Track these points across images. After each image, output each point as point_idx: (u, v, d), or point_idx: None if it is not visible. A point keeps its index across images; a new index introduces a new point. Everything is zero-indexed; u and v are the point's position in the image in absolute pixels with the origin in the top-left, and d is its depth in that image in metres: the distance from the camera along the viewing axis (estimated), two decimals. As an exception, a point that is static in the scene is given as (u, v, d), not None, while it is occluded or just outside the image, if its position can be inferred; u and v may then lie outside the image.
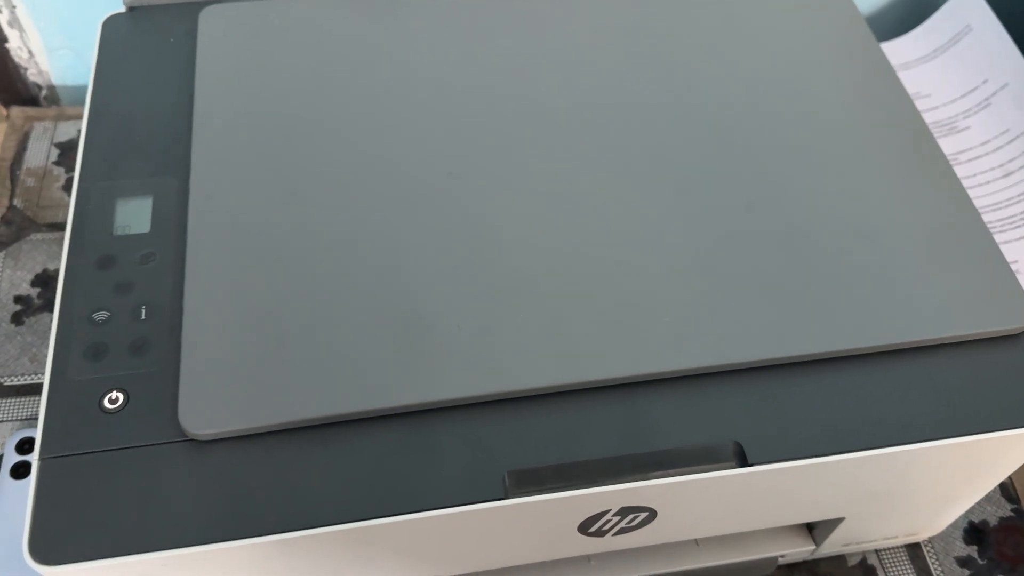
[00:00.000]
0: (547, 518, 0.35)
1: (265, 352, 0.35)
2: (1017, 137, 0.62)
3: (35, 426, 0.50)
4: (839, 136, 0.43)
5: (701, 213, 0.40)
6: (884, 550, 0.48)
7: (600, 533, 0.37)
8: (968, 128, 0.65)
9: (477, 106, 0.43)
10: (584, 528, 0.37)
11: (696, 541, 0.44)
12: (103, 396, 0.35)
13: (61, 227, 0.58)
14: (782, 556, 0.45)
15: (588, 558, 0.43)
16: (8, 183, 0.60)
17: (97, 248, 0.39)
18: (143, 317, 0.37)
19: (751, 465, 0.34)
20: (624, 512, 0.36)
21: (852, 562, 0.48)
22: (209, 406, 0.34)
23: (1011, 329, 0.38)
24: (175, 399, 0.35)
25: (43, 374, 0.52)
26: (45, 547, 0.32)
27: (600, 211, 0.39)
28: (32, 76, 0.67)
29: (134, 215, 0.40)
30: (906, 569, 0.47)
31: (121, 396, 0.35)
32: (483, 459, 0.34)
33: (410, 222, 0.39)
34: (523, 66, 0.45)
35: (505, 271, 0.37)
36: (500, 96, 0.43)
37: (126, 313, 0.37)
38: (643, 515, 0.36)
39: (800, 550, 0.44)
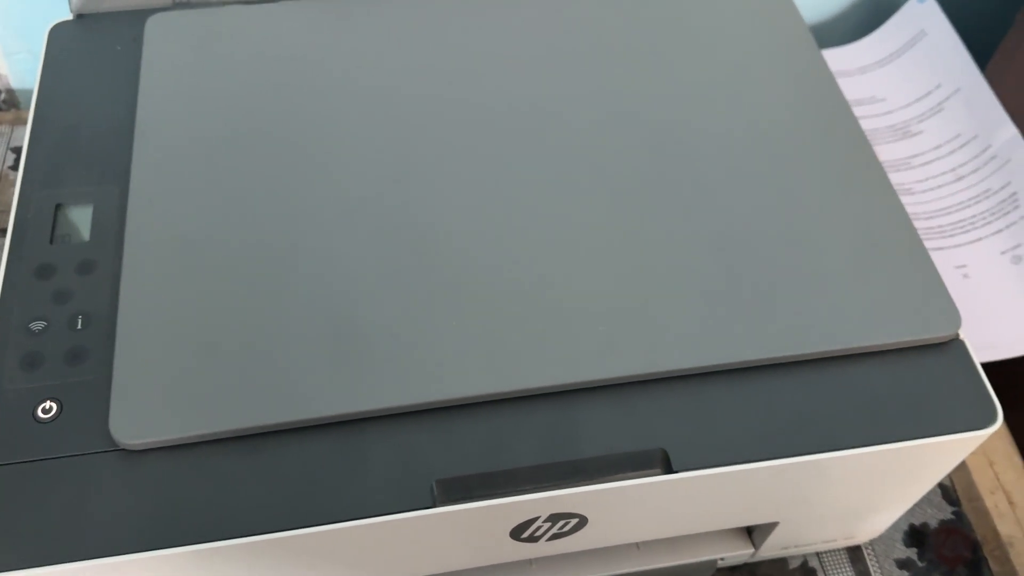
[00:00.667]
0: (478, 525, 0.36)
1: (198, 362, 0.36)
2: (968, 142, 0.63)
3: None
4: (775, 142, 0.43)
5: (631, 221, 0.40)
6: (825, 553, 0.49)
7: (532, 539, 0.38)
8: (921, 132, 0.65)
9: (420, 114, 0.43)
10: (516, 534, 0.37)
11: (636, 544, 0.44)
12: (37, 406, 0.35)
13: (16, 232, 0.58)
14: (721, 559, 0.46)
15: (530, 562, 0.44)
16: (-37, 187, 0.60)
17: (36, 256, 0.39)
18: (79, 327, 0.37)
19: (676, 472, 0.35)
20: (554, 519, 0.37)
21: (793, 564, 0.48)
22: (140, 415, 0.35)
23: (938, 337, 0.38)
24: (107, 409, 0.35)
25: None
26: (-26, 556, 0.32)
27: (532, 220, 0.40)
28: (-10, 79, 0.67)
29: (74, 224, 0.41)
30: (847, 572, 0.48)
31: (55, 406, 0.35)
32: (412, 468, 0.35)
33: (348, 231, 0.39)
34: (466, 72, 0.45)
35: (439, 280, 0.38)
36: (444, 104, 0.44)
37: (63, 322, 0.38)
38: (574, 521, 0.37)
39: (739, 553, 0.45)
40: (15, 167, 0.61)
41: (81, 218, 0.41)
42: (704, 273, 0.39)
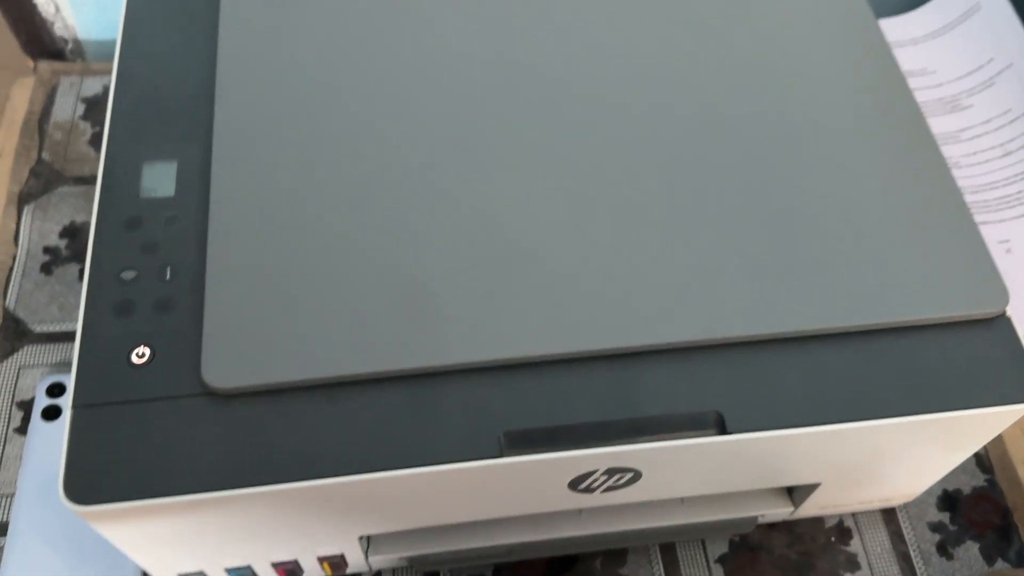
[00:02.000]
0: (539, 475, 0.38)
1: (282, 313, 0.38)
2: (1018, 118, 0.64)
3: (64, 371, 0.53)
4: (830, 116, 0.44)
5: (693, 192, 0.41)
6: (860, 513, 0.51)
7: (588, 490, 0.40)
8: (971, 106, 0.66)
9: (496, 79, 0.45)
10: (574, 485, 0.39)
11: (681, 499, 0.47)
12: (131, 351, 0.38)
13: (88, 181, 0.60)
14: (761, 516, 0.48)
15: (579, 511, 0.46)
16: (36, 137, 0.62)
17: (125, 209, 0.42)
18: (168, 277, 0.40)
19: (730, 433, 0.37)
20: (611, 472, 0.39)
21: (829, 524, 0.50)
22: (229, 362, 0.37)
23: (986, 313, 0.40)
24: (198, 355, 0.37)
25: (71, 322, 0.55)
26: (78, 488, 0.35)
27: (598, 188, 0.41)
28: (58, 30, 0.68)
29: (159, 179, 0.43)
30: (880, 532, 0.50)
31: (147, 351, 0.38)
32: (481, 420, 0.37)
33: (424, 192, 0.41)
34: (538, 38, 0.46)
35: (508, 243, 0.40)
36: (515, 69, 0.45)
37: (152, 272, 0.40)
38: (629, 475, 0.39)
39: (779, 511, 0.47)
40: (85, 117, 0.63)
41: (166, 174, 0.43)
42: (759, 243, 0.40)
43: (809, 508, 0.48)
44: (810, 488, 0.45)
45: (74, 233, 0.58)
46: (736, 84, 0.45)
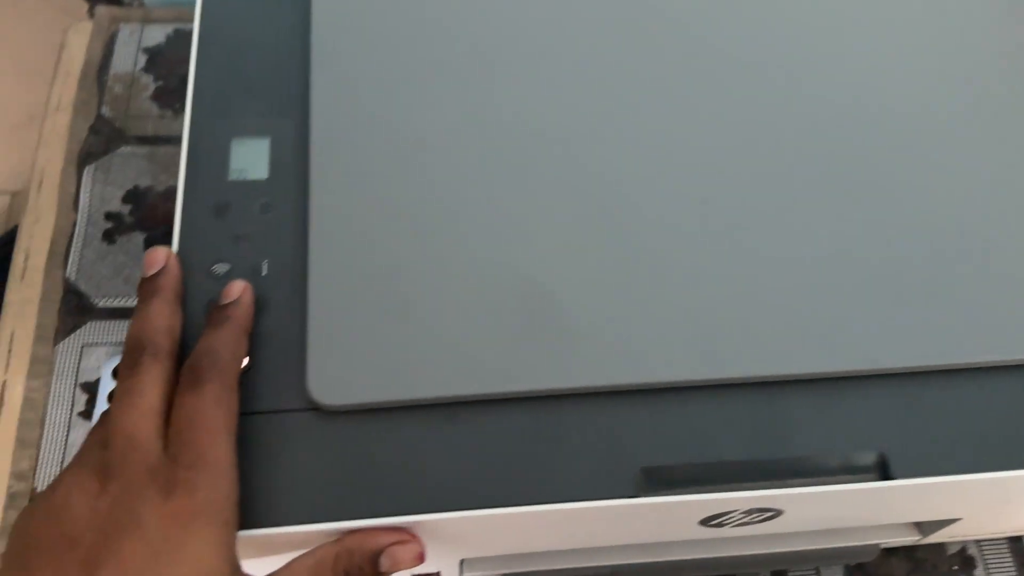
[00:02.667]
0: (672, 514, 0.34)
1: (394, 321, 0.34)
2: None
3: (131, 352, 0.49)
4: (995, 114, 0.40)
5: (849, 209, 0.37)
6: (986, 540, 0.47)
7: (719, 525, 0.36)
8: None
9: (622, 61, 0.40)
10: (706, 522, 0.36)
11: (802, 525, 0.43)
12: (227, 357, 0.34)
13: (151, 141, 0.56)
14: (885, 543, 0.44)
15: (689, 532, 0.43)
16: (96, 89, 0.58)
17: (214, 192, 0.37)
18: (264, 272, 0.36)
19: (894, 479, 0.33)
20: (751, 512, 0.35)
21: (951, 550, 0.47)
22: (338, 375, 0.33)
23: None
24: (300, 364, 0.34)
25: (137, 297, 0.51)
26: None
27: (745, 203, 0.37)
28: (116, -29, 0.63)
29: (250, 158, 0.38)
30: (1006, 560, 0.47)
31: (246, 359, 0.34)
32: (614, 452, 0.33)
33: (547, 187, 0.37)
34: (674, 21, 0.41)
35: (649, 254, 0.35)
36: (646, 54, 0.40)
37: (246, 267, 0.36)
38: (768, 514, 0.36)
39: (905, 540, 0.44)
40: (147, 70, 0.59)
41: (257, 152, 0.38)
42: (929, 264, 0.36)
43: (937, 537, 0.44)
44: (947, 522, 0.41)
45: (138, 199, 0.54)
46: (890, 85, 0.40)
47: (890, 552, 0.47)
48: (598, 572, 0.43)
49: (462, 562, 0.41)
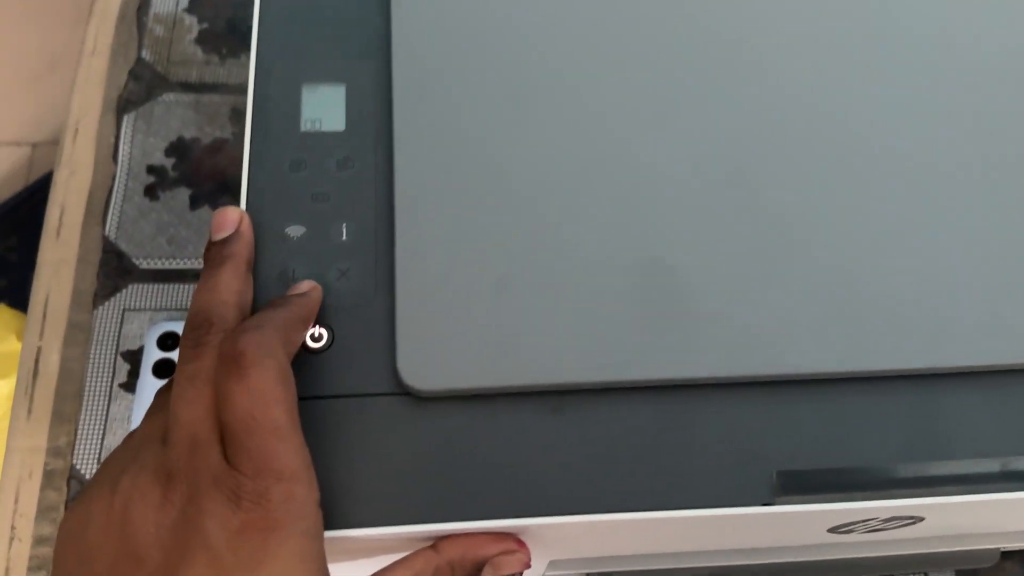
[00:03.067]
0: (805, 523, 0.30)
1: (490, 301, 0.30)
2: None
3: (178, 318, 0.45)
4: None
5: (999, 188, 0.32)
6: (1106, 546, 0.43)
7: (849, 532, 0.33)
8: None
9: (736, 33, 0.35)
10: (836, 529, 0.32)
11: (917, 528, 0.39)
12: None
13: (195, 88, 0.52)
14: (1004, 547, 0.40)
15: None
16: (135, 30, 0.53)
17: (285, 145, 0.33)
18: (344, 237, 0.32)
19: (1062, 489, 0.29)
20: (890, 519, 0.31)
21: (1070, 555, 0.43)
22: (432, 356, 0.29)
23: None
24: (388, 343, 0.30)
25: (183, 259, 0.47)
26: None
27: (901, 181, 0.32)
28: (156, -97, 0.59)
29: (325, 107, 0.34)
30: None
31: (325, 333, 0.30)
32: (745, 452, 0.29)
33: (665, 148, 0.32)
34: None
35: (785, 230, 0.31)
36: (767, 30, 0.36)
37: (323, 230, 0.32)
38: (907, 522, 0.32)
39: (1027, 546, 0.40)
40: (190, 10, 0.54)
41: (332, 101, 0.34)
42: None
43: (1061, 543, 0.40)
44: (1083, 528, 0.37)
45: (183, 150, 0.50)
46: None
47: (1005, 555, 0.43)
48: (696, 573, 0.39)
49: (550, 563, 0.37)
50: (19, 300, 0.85)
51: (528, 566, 0.29)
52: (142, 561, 0.25)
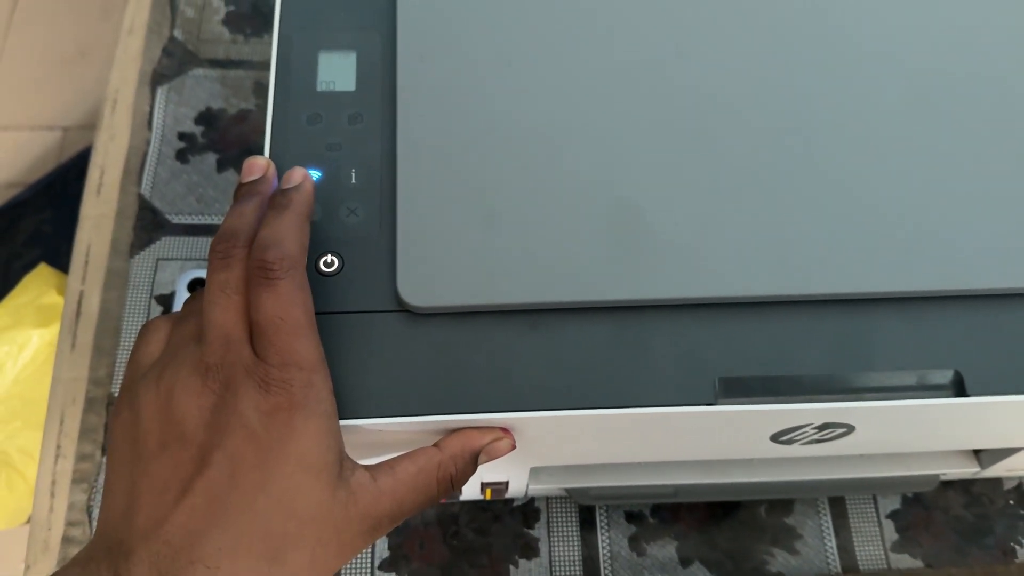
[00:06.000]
0: (746, 425, 0.35)
1: (480, 230, 0.35)
2: None
3: (204, 267, 0.50)
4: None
5: (944, 130, 0.37)
6: (1041, 477, 0.48)
7: (790, 442, 0.37)
8: None
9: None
10: (776, 437, 0.37)
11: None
12: (319, 258, 0.35)
13: (223, 64, 0.57)
14: (943, 475, 0.45)
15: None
16: (168, 11, 0.58)
17: (303, 103, 0.38)
18: (353, 180, 0.37)
19: (969, 396, 0.33)
20: (823, 427, 0.36)
21: (1008, 485, 0.47)
22: (427, 279, 0.34)
23: None
24: (390, 268, 0.35)
25: (210, 215, 0.52)
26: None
27: (835, 117, 0.37)
28: None
29: (338, 71, 0.39)
30: (1060, 499, 0.47)
31: (336, 260, 0.35)
32: (694, 362, 0.34)
33: (633, 103, 0.37)
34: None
35: (730, 168, 0.36)
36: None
37: (336, 175, 0.37)
38: (840, 431, 0.36)
39: (964, 471, 0.44)
40: (218, -6, 0.59)
41: (345, 65, 0.39)
42: (1014, 191, 0.36)
43: (995, 471, 0.45)
44: (1009, 451, 0.42)
45: (210, 120, 0.55)
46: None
47: (947, 485, 0.47)
48: (661, 490, 0.44)
49: (529, 472, 0.42)
50: (54, 266, 0.91)
51: (514, 447, 0.34)
52: (188, 440, 0.30)
